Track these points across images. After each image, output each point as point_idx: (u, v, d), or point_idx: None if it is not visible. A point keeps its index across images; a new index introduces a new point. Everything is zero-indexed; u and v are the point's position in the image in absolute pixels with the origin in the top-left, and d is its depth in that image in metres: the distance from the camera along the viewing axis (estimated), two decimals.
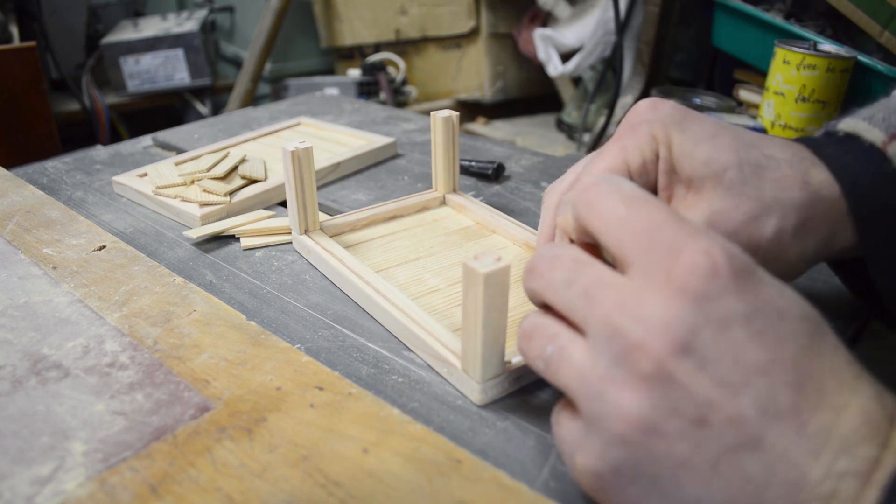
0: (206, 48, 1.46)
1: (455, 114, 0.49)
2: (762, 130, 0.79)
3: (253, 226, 0.50)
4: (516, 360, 0.33)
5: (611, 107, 1.05)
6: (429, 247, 0.47)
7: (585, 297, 0.25)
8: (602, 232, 0.26)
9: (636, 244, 0.24)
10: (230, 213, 0.52)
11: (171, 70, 1.43)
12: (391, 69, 1.45)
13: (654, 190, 0.34)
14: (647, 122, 0.33)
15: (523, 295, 0.39)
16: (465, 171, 0.61)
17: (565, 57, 1.22)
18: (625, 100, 1.06)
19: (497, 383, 0.33)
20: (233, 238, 0.49)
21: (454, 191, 0.53)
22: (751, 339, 0.22)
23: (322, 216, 0.49)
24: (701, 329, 0.22)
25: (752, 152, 0.32)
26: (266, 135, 0.68)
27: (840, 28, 0.85)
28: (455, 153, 0.51)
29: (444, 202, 0.53)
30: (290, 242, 0.49)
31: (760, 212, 0.31)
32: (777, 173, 0.32)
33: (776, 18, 0.85)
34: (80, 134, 1.35)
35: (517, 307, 0.39)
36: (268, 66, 1.49)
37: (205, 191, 0.53)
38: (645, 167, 0.33)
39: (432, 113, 0.50)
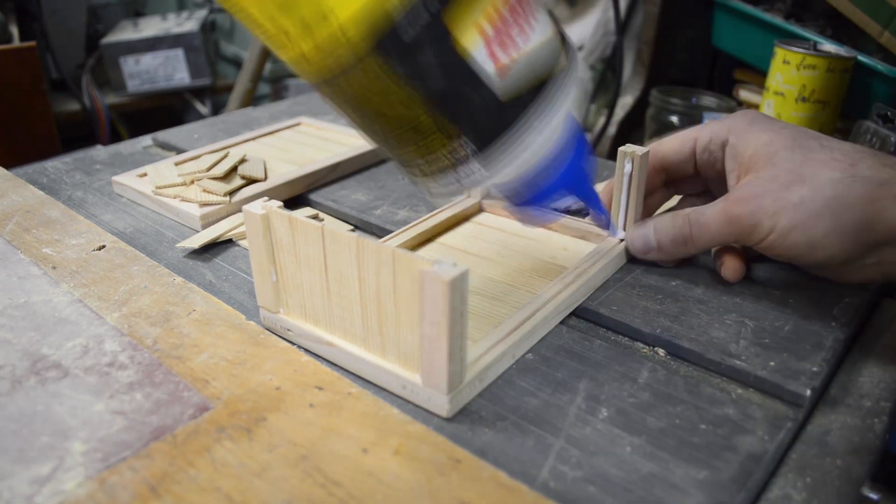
0: (206, 48, 1.46)
1: None
2: None
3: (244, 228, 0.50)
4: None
5: (611, 107, 1.05)
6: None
7: None
8: None
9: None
10: (230, 213, 0.52)
11: (171, 70, 1.43)
12: None
13: (720, 172, 0.42)
14: (729, 118, 0.41)
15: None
16: None
17: None
18: (624, 100, 1.06)
19: (463, 391, 0.32)
20: (232, 238, 0.49)
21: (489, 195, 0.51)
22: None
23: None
24: None
25: (810, 141, 0.37)
26: (266, 135, 0.68)
27: (840, 28, 0.85)
28: None
29: (481, 208, 0.51)
30: None
31: (792, 181, 0.35)
32: (824, 155, 0.36)
33: (776, 18, 0.85)
34: (80, 134, 1.35)
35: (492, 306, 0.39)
36: (268, 66, 1.49)
37: (205, 191, 0.53)
38: (710, 145, 0.41)
39: None
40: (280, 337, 0.38)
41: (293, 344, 0.37)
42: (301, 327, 0.37)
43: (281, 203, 0.35)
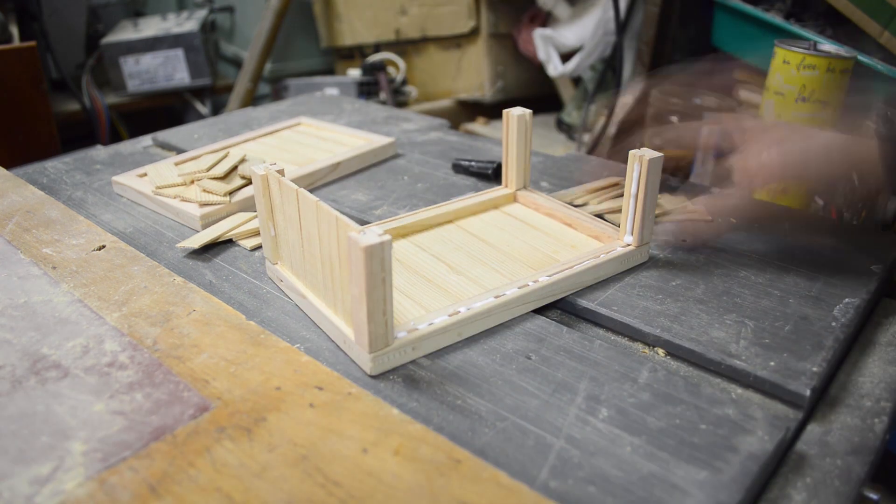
0: (206, 48, 1.46)
1: (528, 112, 0.49)
2: None
3: (246, 227, 0.50)
4: (401, 335, 0.35)
5: (611, 107, 1.05)
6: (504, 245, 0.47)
7: None
8: None
9: None
10: (230, 213, 0.52)
11: (171, 70, 1.43)
12: (391, 69, 1.45)
13: None
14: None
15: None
16: (464, 170, 0.61)
17: (565, 57, 1.22)
18: (624, 100, 1.06)
19: (390, 354, 0.35)
20: (232, 238, 0.49)
21: (525, 187, 0.53)
22: None
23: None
24: None
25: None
26: (266, 135, 0.68)
27: (840, 28, 0.85)
28: (528, 150, 0.51)
29: (515, 199, 0.53)
30: None
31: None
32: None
33: (776, 18, 0.85)
34: (80, 134, 1.35)
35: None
36: (268, 66, 1.49)
37: (204, 191, 0.53)
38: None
39: (506, 111, 0.49)
40: (276, 285, 0.43)
41: (283, 293, 0.42)
42: (289, 279, 0.41)
43: (282, 168, 0.39)
